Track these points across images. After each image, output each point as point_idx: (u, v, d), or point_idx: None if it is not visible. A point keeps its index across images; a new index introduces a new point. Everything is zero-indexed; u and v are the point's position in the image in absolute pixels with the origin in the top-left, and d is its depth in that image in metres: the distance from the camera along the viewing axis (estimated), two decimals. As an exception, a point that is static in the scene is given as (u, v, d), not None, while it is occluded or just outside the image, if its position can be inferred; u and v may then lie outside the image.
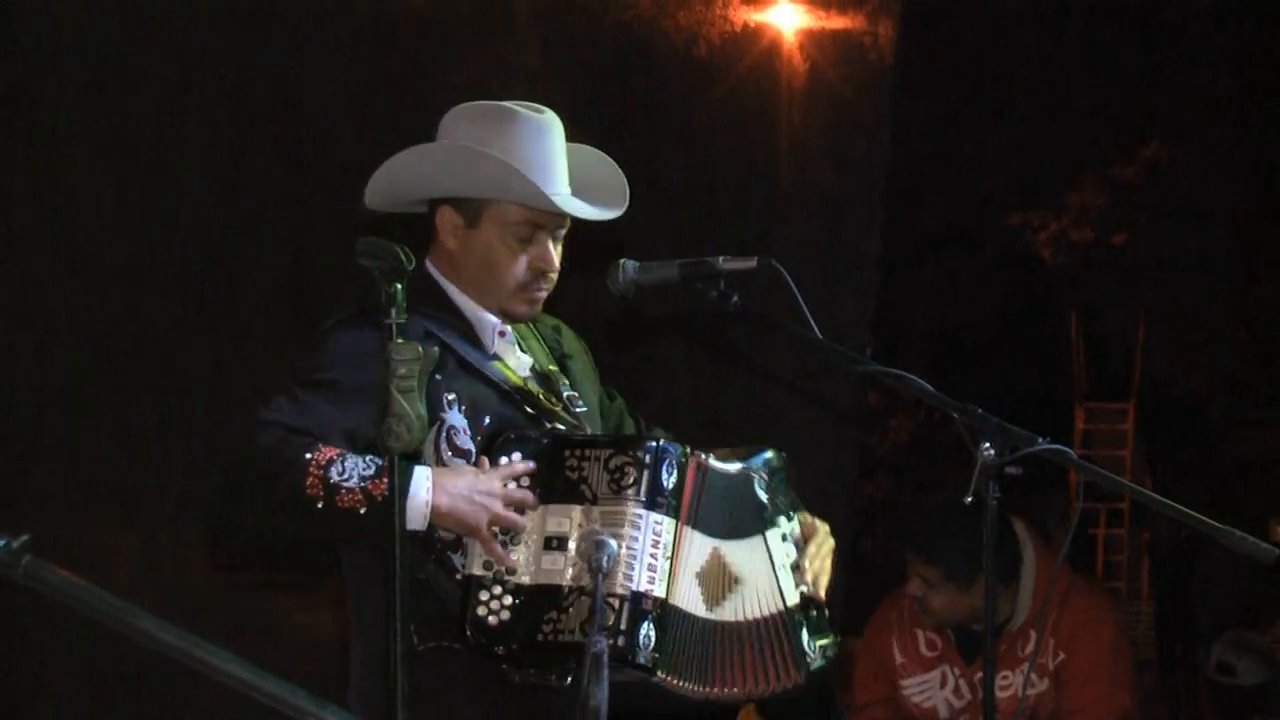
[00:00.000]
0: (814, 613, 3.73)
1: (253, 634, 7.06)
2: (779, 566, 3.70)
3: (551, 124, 3.81)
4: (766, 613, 3.66)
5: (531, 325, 3.95)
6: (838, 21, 7.88)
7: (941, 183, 14.83)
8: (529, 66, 7.61)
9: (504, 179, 3.70)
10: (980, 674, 4.29)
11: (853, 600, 7.86)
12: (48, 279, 7.13)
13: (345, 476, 3.41)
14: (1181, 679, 7.27)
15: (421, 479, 3.46)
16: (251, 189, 7.40)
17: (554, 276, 3.81)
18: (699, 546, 3.58)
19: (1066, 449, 3.60)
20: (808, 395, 7.64)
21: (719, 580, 3.61)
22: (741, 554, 3.66)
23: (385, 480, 3.32)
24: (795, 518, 3.80)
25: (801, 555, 3.78)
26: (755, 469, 3.75)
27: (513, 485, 3.53)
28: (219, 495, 3.52)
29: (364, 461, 3.44)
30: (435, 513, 3.47)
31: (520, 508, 3.52)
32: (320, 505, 3.41)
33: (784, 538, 3.75)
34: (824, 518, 3.98)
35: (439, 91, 7.21)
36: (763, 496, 3.74)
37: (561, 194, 3.76)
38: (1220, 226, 15.20)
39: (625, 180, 3.90)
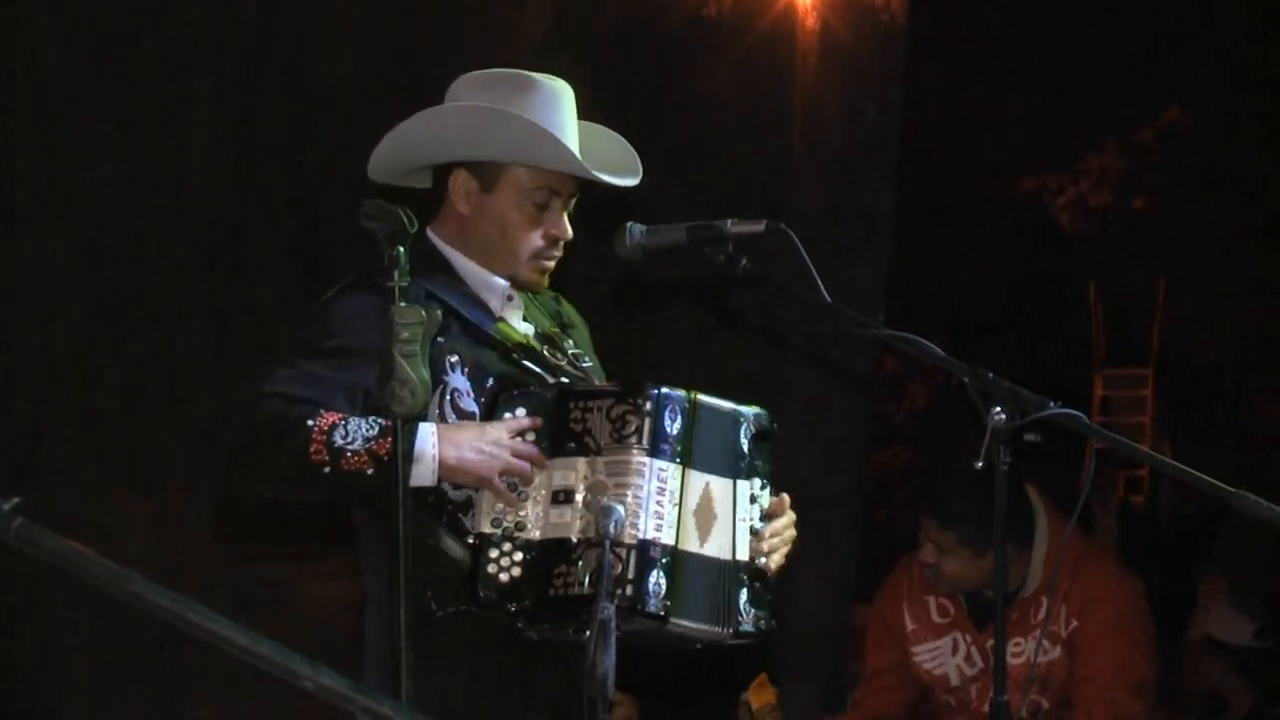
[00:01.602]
0: (757, 583, 3.71)
1: (263, 603, 7.09)
2: (739, 519, 3.69)
3: (567, 93, 3.83)
4: (722, 556, 3.65)
5: (530, 296, 3.95)
6: (849, -18, 7.86)
7: (956, 146, 14.80)
8: (539, 33, 7.59)
9: (533, 140, 3.71)
10: (992, 641, 4.29)
11: (866, 570, 7.87)
12: (55, 251, 7.14)
13: (349, 439, 3.44)
14: (1181, 652, 7.28)
15: (426, 435, 3.48)
16: (260, 160, 7.40)
17: (563, 246, 3.83)
18: (696, 485, 3.60)
19: (1079, 413, 3.59)
20: (818, 361, 7.64)
21: (706, 514, 3.63)
22: (718, 491, 3.66)
23: (389, 440, 3.34)
24: (768, 488, 3.79)
25: (763, 527, 3.75)
26: (745, 416, 3.75)
27: (519, 440, 3.54)
28: (225, 470, 3.55)
29: (367, 423, 3.46)
30: (443, 466, 3.50)
31: (529, 459, 3.53)
32: (327, 470, 3.43)
33: (751, 498, 3.74)
34: (833, 485, 3.99)
35: (448, 59, 7.19)
36: (744, 445, 3.73)
37: (589, 161, 3.77)
38: (1240, 190, 15.15)
39: (637, 155, 3.91)
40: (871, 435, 9.35)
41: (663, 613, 3.47)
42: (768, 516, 3.76)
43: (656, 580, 3.46)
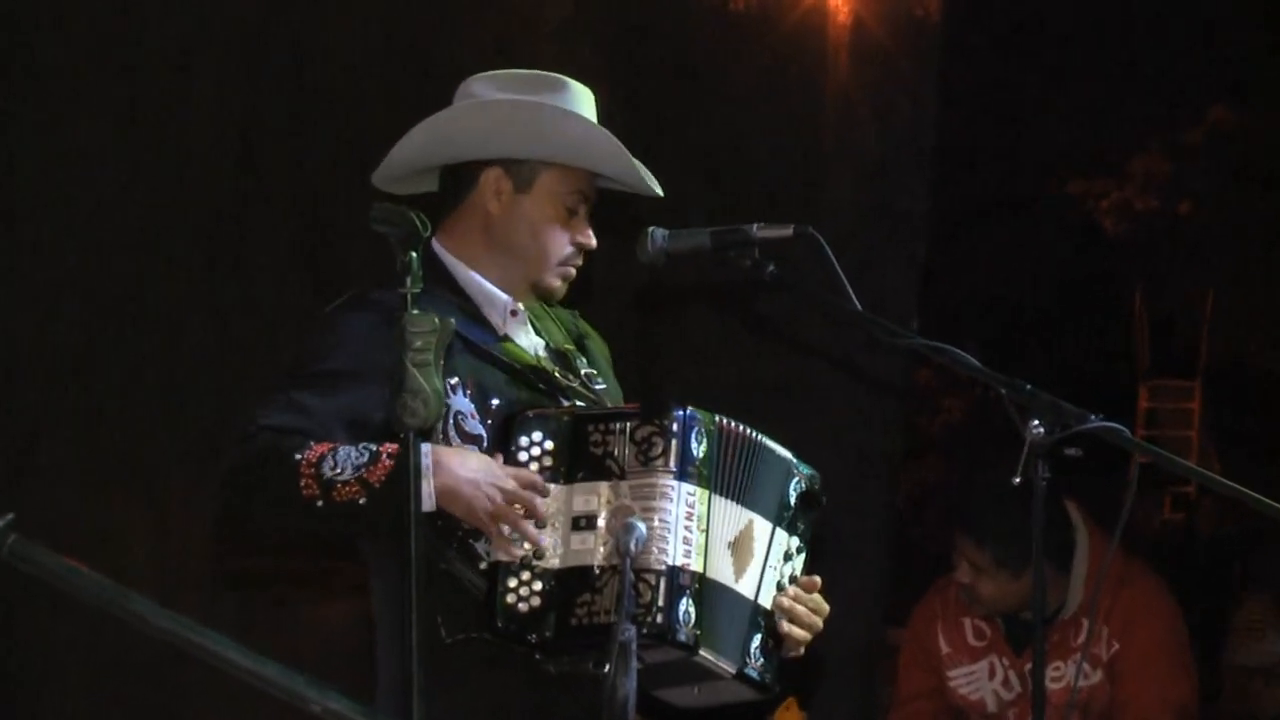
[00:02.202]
0: (770, 638, 3.70)
1: (267, 618, 7.10)
2: (770, 565, 3.70)
3: (590, 96, 3.84)
4: (747, 594, 3.66)
5: (546, 308, 3.95)
6: (881, -27, 7.86)
7: (994, 147, 14.75)
8: (557, 22, 7.59)
9: (590, 142, 3.73)
10: (1030, 665, 4.29)
11: (899, 589, 7.85)
12: (51, 248, 7.15)
13: (338, 470, 3.44)
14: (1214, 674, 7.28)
15: (420, 456, 3.39)
16: (265, 153, 7.41)
17: (584, 256, 3.85)
18: (733, 516, 3.61)
19: (1121, 427, 3.59)
20: (848, 370, 7.63)
21: (746, 551, 3.63)
22: (759, 532, 3.68)
23: (380, 466, 3.39)
24: (804, 554, 3.80)
25: (790, 590, 3.75)
26: (799, 470, 3.78)
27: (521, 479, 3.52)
28: (223, 509, 3.57)
29: (356, 450, 3.47)
30: (438, 491, 3.47)
31: (532, 486, 3.52)
32: (320, 504, 3.44)
33: (786, 555, 3.76)
34: (864, 500, 4.01)
35: (462, 49, 7.20)
36: (791, 498, 3.75)
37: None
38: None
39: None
40: (905, 448, 9.33)
41: (692, 642, 3.47)
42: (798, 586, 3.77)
43: (686, 609, 3.46)
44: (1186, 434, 16.76)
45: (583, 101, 3.80)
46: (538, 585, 3.50)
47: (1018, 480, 3.56)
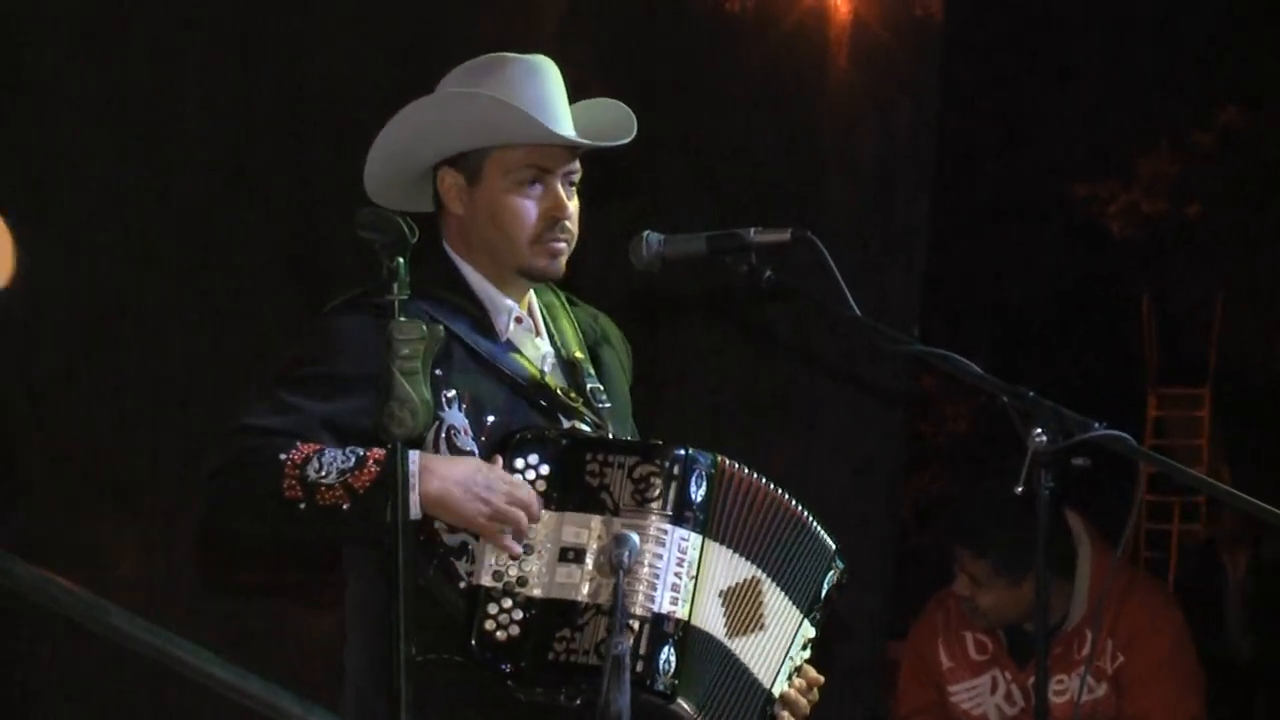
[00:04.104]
0: None
1: (254, 634, 7.09)
2: (790, 656, 3.73)
3: (544, 65, 3.81)
4: (761, 678, 3.67)
5: (566, 307, 3.95)
6: (881, -28, 7.87)
7: (998, 149, 14.78)
8: (553, 23, 7.59)
9: (496, 116, 3.69)
10: (1033, 678, 4.29)
11: (902, 602, 7.86)
12: (34, 255, 7.15)
13: (323, 473, 3.44)
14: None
15: (408, 464, 3.35)
16: (254, 158, 7.41)
17: (571, 226, 3.79)
18: (730, 565, 3.61)
19: (1126, 435, 3.58)
20: (850, 378, 7.63)
21: (749, 609, 3.63)
22: (779, 608, 3.69)
23: (365, 472, 3.39)
24: (810, 646, 3.82)
25: (798, 682, 3.79)
26: (839, 566, 3.81)
27: (520, 486, 3.52)
28: (203, 508, 3.57)
29: (342, 454, 3.46)
30: (425, 499, 3.46)
31: (525, 507, 3.51)
32: (302, 506, 3.44)
33: (807, 644, 3.79)
34: (866, 511, 4.02)
35: (455, 51, 7.15)
36: (825, 590, 3.79)
37: (564, 128, 3.75)
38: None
39: (630, 111, 3.88)
40: (908, 458, 9.34)
41: (669, 691, 3.46)
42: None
43: (667, 657, 3.46)
44: (1196, 443, 16.75)
45: (528, 73, 3.76)
46: (518, 614, 3.48)
47: (1020, 490, 3.55)
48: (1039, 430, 3.55)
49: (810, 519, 3.73)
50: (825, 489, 7.69)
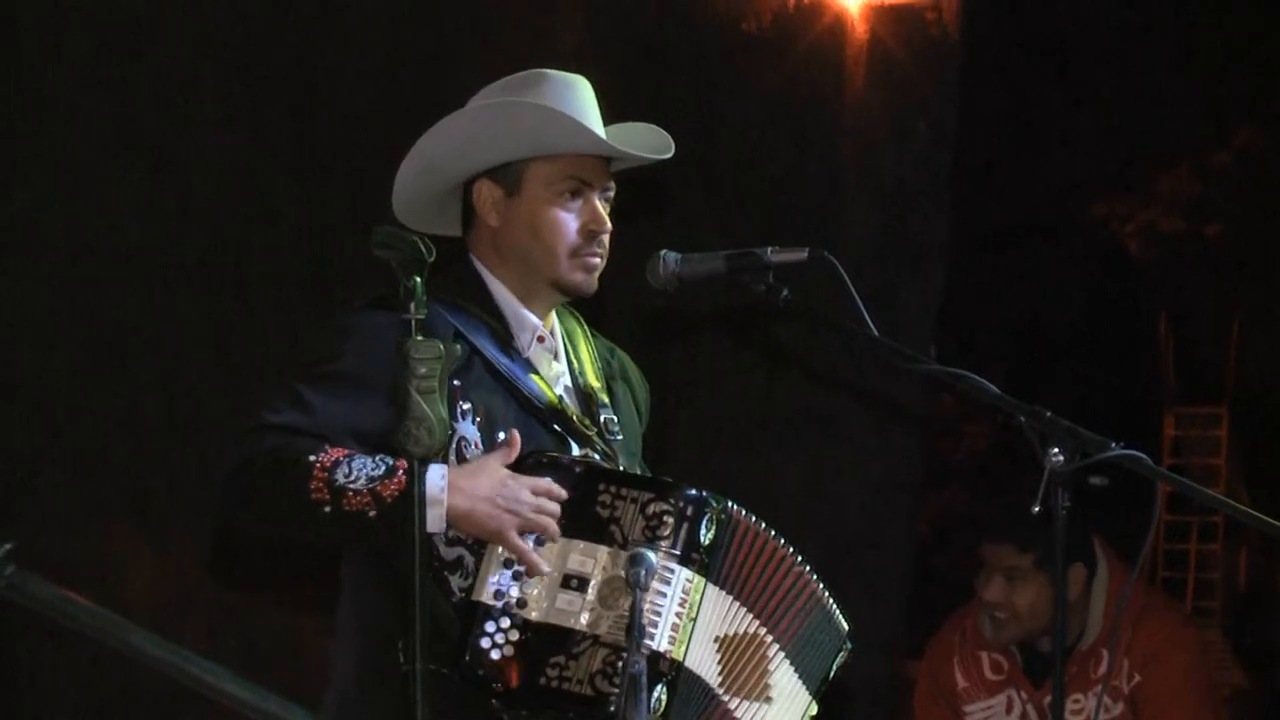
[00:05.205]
0: None
1: (270, 651, 7.10)
2: None
3: (581, 81, 3.83)
4: None
5: (587, 334, 3.95)
6: (898, -8, 7.88)
7: (1015, 168, 14.75)
8: (569, 44, 7.62)
9: (544, 125, 3.71)
10: (1049, 698, 4.29)
11: (919, 621, 7.85)
12: (50, 271, 7.17)
13: (352, 478, 3.44)
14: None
15: (436, 479, 3.45)
16: (269, 176, 7.43)
17: (607, 241, 3.80)
18: (729, 612, 3.61)
19: (1143, 455, 3.59)
20: (869, 397, 7.64)
21: (750, 669, 3.65)
22: (790, 688, 3.71)
23: (395, 481, 3.39)
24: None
25: None
26: (848, 648, 3.85)
27: (542, 500, 3.53)
28: (223, 504, 3.56)
29: (372, 462, 3.46)
30: (452, 514, 3.47)
31: (553, 517, 3.52)
32: (327, 509, 3.44)
33: None
34: (884, 530, 4.02)
35: (472, 71, 7.18)
36: (832, 671, 3.83)
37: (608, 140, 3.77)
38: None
39: (665, 133, 3.90)
40: (926, 477, 9.33)
41: None
42: None
43: (659, 695, 3.46)
44: (1215, 462, 16.72)
45: (565, 87, 3.78)
46: (515, 635, 3.49)
47: (1037, 509, 3.56)
48: (1056, 450, 3.55)
49: (827, 596, 3.75)
50: (843, 508, 7.70)
